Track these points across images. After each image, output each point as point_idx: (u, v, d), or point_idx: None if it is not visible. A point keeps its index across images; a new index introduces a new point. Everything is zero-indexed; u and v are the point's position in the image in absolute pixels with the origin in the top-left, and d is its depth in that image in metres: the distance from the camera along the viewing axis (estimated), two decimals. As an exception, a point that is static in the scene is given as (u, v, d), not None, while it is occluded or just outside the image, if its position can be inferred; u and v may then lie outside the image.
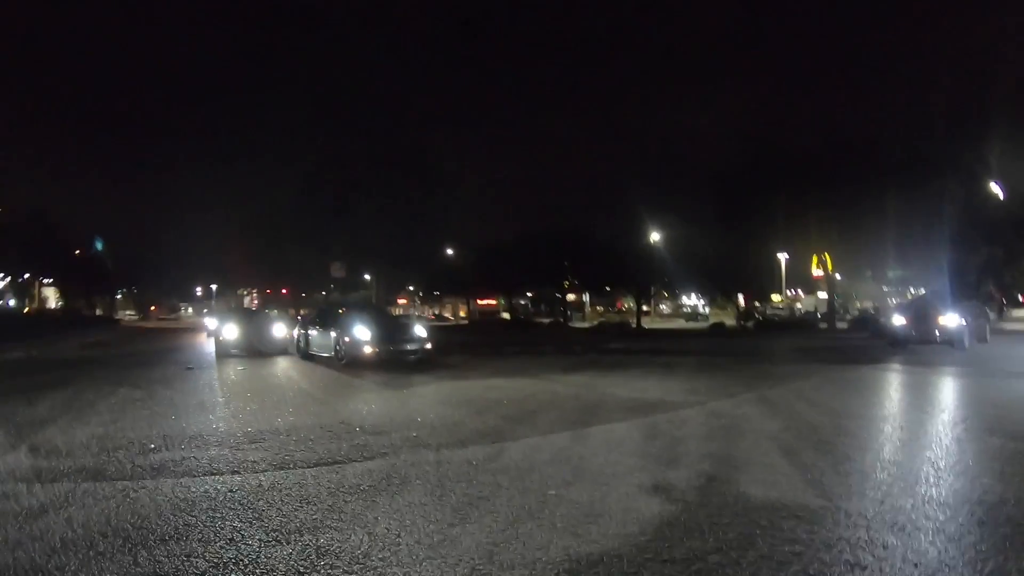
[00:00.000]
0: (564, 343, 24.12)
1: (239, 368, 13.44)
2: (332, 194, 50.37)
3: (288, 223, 52.05)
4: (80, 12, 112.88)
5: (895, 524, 3.51)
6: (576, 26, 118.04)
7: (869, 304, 57.55)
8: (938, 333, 16.91)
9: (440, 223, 52.30)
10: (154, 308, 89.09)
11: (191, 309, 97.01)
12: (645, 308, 51.72)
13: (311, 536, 3.43)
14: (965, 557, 3.06)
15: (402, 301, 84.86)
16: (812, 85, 74.52)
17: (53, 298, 68.86)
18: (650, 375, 11.68)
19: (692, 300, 71.85)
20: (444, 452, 5.44)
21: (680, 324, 57.13)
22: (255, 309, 53.65)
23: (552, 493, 4.20)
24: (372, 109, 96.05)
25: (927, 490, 4.18)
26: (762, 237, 38.10)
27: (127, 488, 4.36)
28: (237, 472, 4.82)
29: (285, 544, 3.32)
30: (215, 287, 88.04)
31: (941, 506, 3.84)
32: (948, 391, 9.63)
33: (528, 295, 66.72)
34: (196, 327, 39.57)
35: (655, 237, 44.17)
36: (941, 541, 3.27)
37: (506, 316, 58.75)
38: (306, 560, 3.11)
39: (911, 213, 32.30)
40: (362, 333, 13.75)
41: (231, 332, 17.87)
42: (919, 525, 3.49)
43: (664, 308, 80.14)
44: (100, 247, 62.72)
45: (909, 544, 3.22)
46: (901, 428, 6.56)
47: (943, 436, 6.03)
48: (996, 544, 3.21)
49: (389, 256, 51.21)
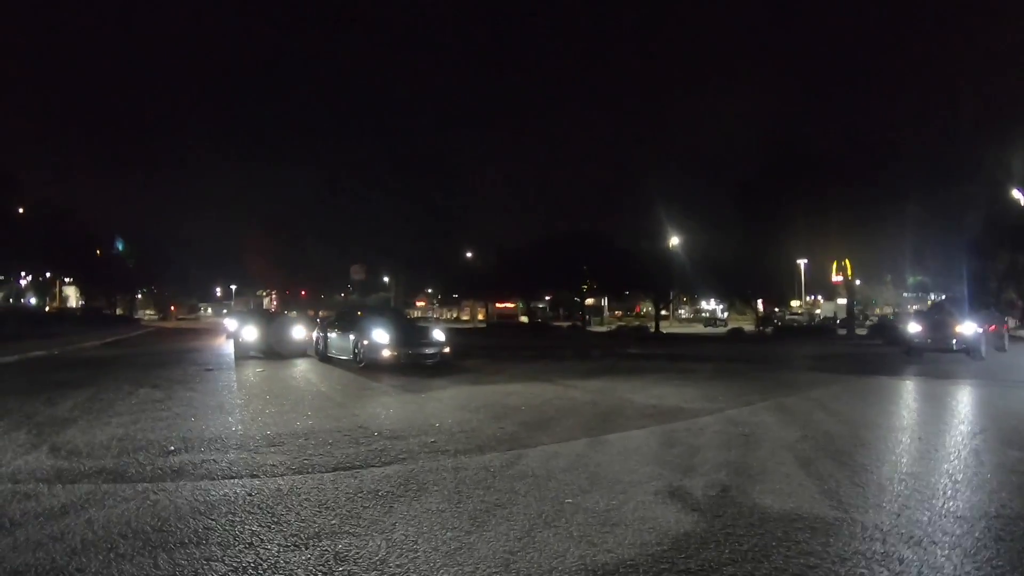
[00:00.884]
0: (582, 347, 24.04)
1: (258, 370, 13.55)
2: (352, 196, 50.80)
3: (308, 225, 52.60)
4: (106, 11, 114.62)
5: (911, 538, 3.51)
6: (598, 31, 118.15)
7: (889, 310, 57.04)
8: (955, 341, 16.73)
9: (460, 226, 52.56)
10: (174, 308, 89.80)
11: (210, 309, 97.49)
12: (664, 312, 51.38)
13: (329, 541, 3.48)
14: (982, 573, 3.06)
15: (420, 304, 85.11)
16: (835, 90, 73.86)
17: (74, 297, 69.62)
18: (667, 381, 11.64)
19: (711, 305, 71.45)
20: (462, 458, 5.48)
21: (698, 329, 56.73)
22: (274, 311, 54.01)
23: (569, 501, 4.22)
24: (393, 111, 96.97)
25: (944, 503, 4.16)
26: (782, 242, 37.77)
27: (147, 490, 4.44)
28: (256, 476, 4.87)
29: (304, 549, 3.37)
30: (234, 288, 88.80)
31: (958, 520, 3.82)
32: (965, 402, 9.51)
33: (546, 298, 66.56)
34: (215, 328, 39.90)
35: (675, 241, 43.92)
36: (958, 556, 3.26)
37: (524, 319, 58.59)
38: (324, 566, 3.16)
39: (932, 219, 32.03)
40: (381, 336, 13.82)
41: (250, 334, 18.00)
42: (936, 539, 3.49)
43: (683, 312, 79.83)
44: (121, 247, 63.42)
45: (925, 559, 3.22)
46: (919, 439, 6.51)
47: (960, 448, 5.98)
48: (1013, 560, 3.20)
49: (408, 258, 51.48)
